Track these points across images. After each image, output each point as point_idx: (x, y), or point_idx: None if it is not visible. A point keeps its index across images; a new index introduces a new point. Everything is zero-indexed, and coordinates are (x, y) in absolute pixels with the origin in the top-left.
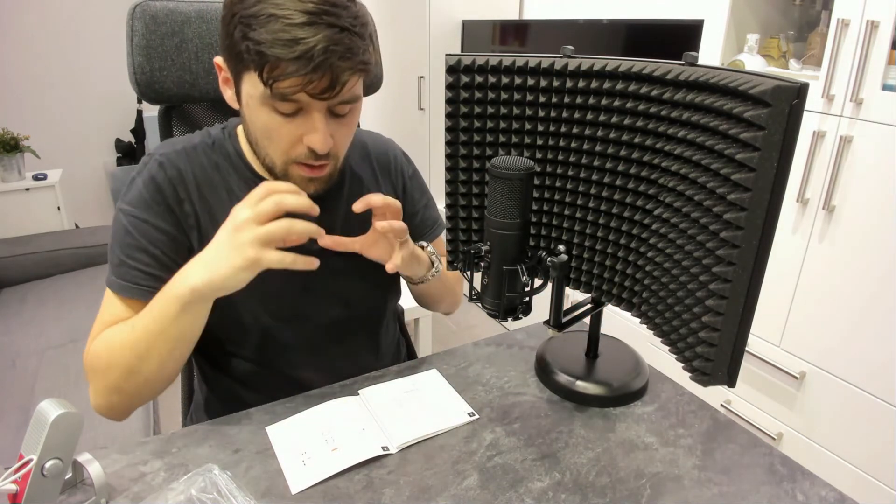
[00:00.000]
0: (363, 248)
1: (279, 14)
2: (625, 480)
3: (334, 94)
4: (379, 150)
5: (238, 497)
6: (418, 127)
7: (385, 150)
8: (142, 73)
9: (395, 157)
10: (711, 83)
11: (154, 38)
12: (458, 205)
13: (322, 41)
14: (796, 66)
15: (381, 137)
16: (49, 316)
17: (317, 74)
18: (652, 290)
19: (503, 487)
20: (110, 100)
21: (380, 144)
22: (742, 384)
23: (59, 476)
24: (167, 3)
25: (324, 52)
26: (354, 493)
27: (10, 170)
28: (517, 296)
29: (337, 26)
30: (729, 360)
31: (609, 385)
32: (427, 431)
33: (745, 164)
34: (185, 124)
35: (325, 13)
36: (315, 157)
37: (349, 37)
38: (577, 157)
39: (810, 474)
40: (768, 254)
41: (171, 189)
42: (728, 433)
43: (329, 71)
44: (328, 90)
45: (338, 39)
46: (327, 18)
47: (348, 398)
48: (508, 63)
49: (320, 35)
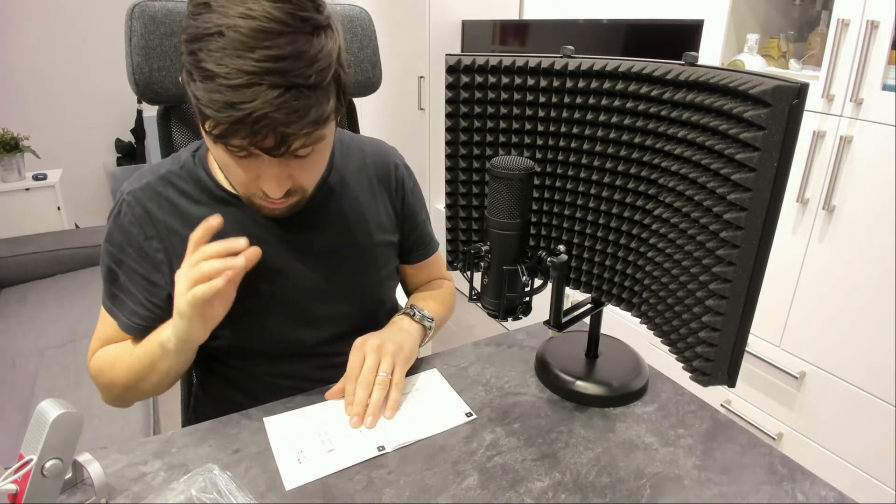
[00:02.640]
0: None
1: (217, 72)
2: (625, 480)
3: (284, 152)
4: (379, 160)
5: (238, 497)
6: (418, 127)
7: (385, 160)
8: (140, 74)
9: (396, 168)
10: (711, 83)
11: (153, 39)
12: (458, 205)
13: (261, 107)
14: (796, 66)
15: (382, 145)
16: (49, 316)
17: (259, 137)
18: (652, 290)
19: (503, 487)
20: (110, 100)
21: (380, 153)
22: (742, 384)
23: (59, 476)
24: (166, 3)
25: (263, 118)
26: (354, 493)
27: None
28: (517, 296)
29: (281, 86)
30: (729, 360)
31: (609, 385)
32: (424, 431)
33: (746, 164)
34: (184, 124)
35: (268, 72)
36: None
37: (297, 95)
38: (577, 157)
39: (810, 474)
40: (768, 254)
41: (139, 229)
42: (728, 433)
43: (273, 134)
44: (275, 149)
45: (280, 103)
46: (269, 79)
47: None
48: (508, 63)
49: (258, 101)
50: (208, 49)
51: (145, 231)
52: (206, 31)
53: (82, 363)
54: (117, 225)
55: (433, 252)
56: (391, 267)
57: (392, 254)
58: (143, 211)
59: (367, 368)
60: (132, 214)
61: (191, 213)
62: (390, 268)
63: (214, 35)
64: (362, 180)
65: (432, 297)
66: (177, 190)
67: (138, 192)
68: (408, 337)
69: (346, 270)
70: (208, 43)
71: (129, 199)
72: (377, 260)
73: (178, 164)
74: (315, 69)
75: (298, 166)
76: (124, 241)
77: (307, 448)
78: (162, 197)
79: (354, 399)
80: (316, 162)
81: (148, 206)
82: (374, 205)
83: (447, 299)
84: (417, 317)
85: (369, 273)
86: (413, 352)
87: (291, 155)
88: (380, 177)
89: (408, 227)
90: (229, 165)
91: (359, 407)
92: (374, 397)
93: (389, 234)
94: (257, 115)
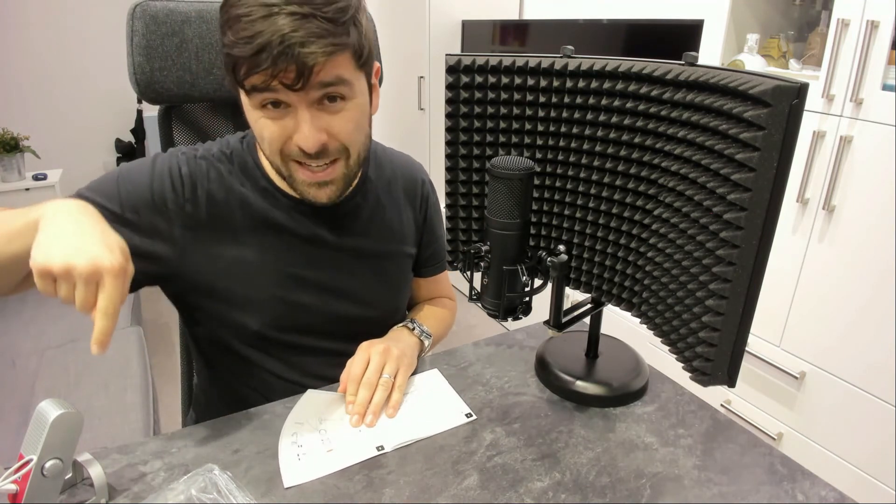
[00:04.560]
0: None
1: (241, 13)
2: (625, 480)
3: (307, 83)
4: (407, 173)
5: (238, 497)
6: (418, 127)
7: (413, 175)
8: (142, 73)
9: (423, 184)
10: (711, 83)
11: (154, 38)
12: (458, 205)
13: (281, 29)
14: (796, 66)
15: (410, 160)
16: (49, 316)
17: (280, 66)
18: (652, 290)
19: (503, 487)
20: (110, 100)
21: (409, 168)
22: (742, 384)
23: (59, 476)
24: (167, 3)
25: (281, 41)
26: (354, 493)
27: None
28: (517, 296)
29: (298, 14)
30: (729, 360)
31: (609, 385)
32: (423, 432)
33: (745, 164)
34: (185, 124)
35: (287, 2)
36: (308, 156)
37: (313, 21)
38: (577, 157)
39: (810, 474)
40: (768, 254)
41: (170, 184)
42: (728, 433)
43: (293, 60)
44: (298, 79)
45: (297, 26)
46: (288, 8)
47: None
48: (508, 63)
49: (277, 25)
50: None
51: (177, 191)
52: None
53: (82, 363)
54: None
55: (444, 269)
56: (409, 278)
57: (410, 265)
58: (189, 172)
59: (371, 370)
60: (170, 169)
61: (235, 191)
62: (408, 278)
63: None
64: (392, 191)
65: (432, 316)
66: (227, 168)
67: (191, 155)
68: (408, 346)
69: (370, 274)
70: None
71: (182, 158)
72: (399, 269)
73: (228, 148)
74: (333, 7)
75: (329, 119)
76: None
77: (307, 444)
78: (213, 168)
79: (357, 399)
80: (348, 116)
81: (194, 170)
82: (400, 216)
83: (447, 319)
84: (416, 331)
85: (391, 280)
86: (414, 360)
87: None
88: (407, 190)
89: (426, 241)
90: (264, 131)
91: (360, 407)
92: (377, 398)
93: (410, 247)
94: (276, 38)
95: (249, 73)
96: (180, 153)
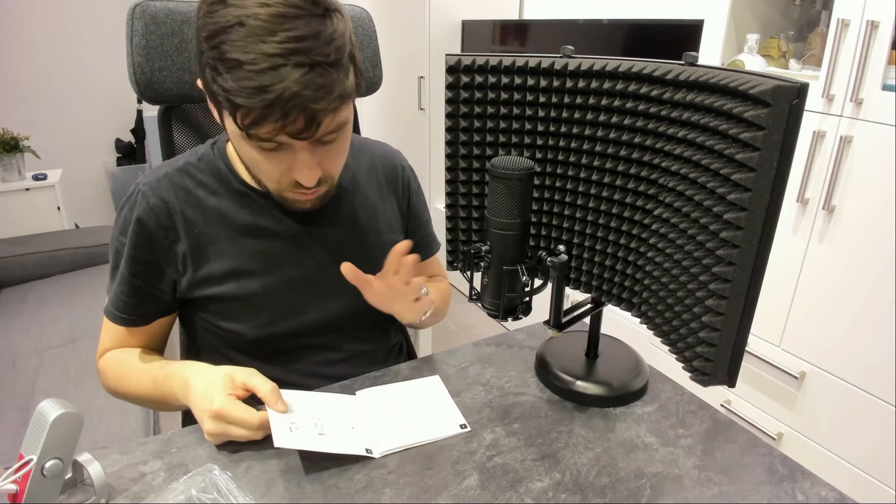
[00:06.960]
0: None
1: (243, 60)
2: (625, 480)
3: (313, 134)
4: (386, 161)
5: (238, 497)
6: (418, 127)
7: (392, 162)
8: (142, 73)
9: (402, 170)
10: (711, 83)
11: (154, 38)
12: (458, 205)
13: (291, 86)
14: (796, 66)
15: (388, 148)
16: (49, 316)
17: (290, 118)
18: (652, 290)
19: (503, 487)
20: (110, 100)
21: (387, 156)
22: (742, 384)
23: (59, 476)
24: (167, 3)
25: (293, 97)
26: (354, 493)
27: (10, 170)
28: (517, 296)
29: (306, 64)
30: (729, 360)
31: (609, 385)
32: (414, 440)
33: (745, 164)
34: (185, 124)
35: (291, 52)
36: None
37: (322, 72)
38: (577, 157)
39: (810, 474)
40: (768, 254)
41: (154, 220)
42: (728, 433)
43: (303, 113)
44: (306, 130)
45: (308, 81)
46: (294, 58)
47: (346, 396)
48: (508, 63)
49: (288, 80)
50: (231, 40)
51: (160, 221)
52: (225, 25)
53: (82, 363)
54: (130, 218)
55: (435, 252)
56: None
57: None
58: (160, 201)
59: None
60: (147, 204)
61: (208, 205)
62: None
63: (235, 26)
64: (371, 181)
65: (432, 286)
66: (195, 181)
67: (154, 182)
68: None
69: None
70: (230, 34)
71: (145, 190)
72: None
73: (196, 156)
74: (333, 47)
75: (326, 153)
76: (136, 232)
77: (299, 421)
78: (180, 187)
79: None
80: (341, 147)
81: (165, 196)
82: (383, 204)
83: (444, 291)
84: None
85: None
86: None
87: (319, 141)
88: (387, 178)
89: (412, 226)
90: (259, 162)
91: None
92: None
93: (396, 234)
94: (287, 94)
95: (256, 124)
96: (142, 185)
